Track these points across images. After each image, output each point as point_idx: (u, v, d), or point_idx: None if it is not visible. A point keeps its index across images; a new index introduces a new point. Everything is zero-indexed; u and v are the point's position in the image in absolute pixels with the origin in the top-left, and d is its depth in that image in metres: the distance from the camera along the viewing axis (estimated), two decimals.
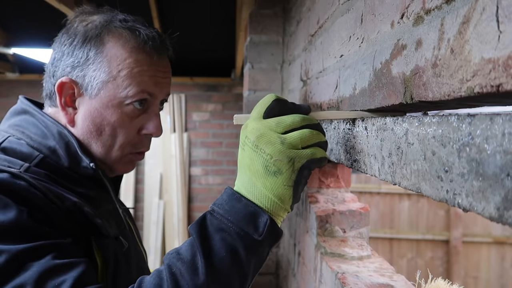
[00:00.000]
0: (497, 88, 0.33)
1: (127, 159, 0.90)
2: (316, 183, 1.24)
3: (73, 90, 0.84)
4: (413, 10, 0.50)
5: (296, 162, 0.64)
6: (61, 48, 0.85)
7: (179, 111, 4.63)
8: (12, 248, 0.64)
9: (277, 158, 0.64)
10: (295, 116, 0.66)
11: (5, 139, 0.80)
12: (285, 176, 0.64)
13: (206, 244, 0.64)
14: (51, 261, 0.65)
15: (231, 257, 0.63)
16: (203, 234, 0.64)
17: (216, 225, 0.65)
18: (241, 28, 2.57)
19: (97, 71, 0.82)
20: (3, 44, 3.70)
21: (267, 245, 0.66)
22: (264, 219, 0.64)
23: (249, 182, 0.66)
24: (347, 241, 1.03)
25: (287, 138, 0.64)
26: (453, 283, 0.77)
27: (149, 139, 0.91)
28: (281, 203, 0.65)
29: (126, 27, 0.84)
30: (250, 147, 0.66)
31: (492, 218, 0.32)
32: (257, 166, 0.65)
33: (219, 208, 0.66)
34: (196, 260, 0.63)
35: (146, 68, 0.84)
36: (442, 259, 5.22)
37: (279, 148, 0.64)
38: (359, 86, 0.70)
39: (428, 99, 0.46)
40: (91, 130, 0.84)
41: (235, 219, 0.64)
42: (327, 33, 0.96)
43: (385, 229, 5.28)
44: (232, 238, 0.64)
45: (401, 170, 0.50)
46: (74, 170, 0.82)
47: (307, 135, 0.65)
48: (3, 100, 4.41)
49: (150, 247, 4.47)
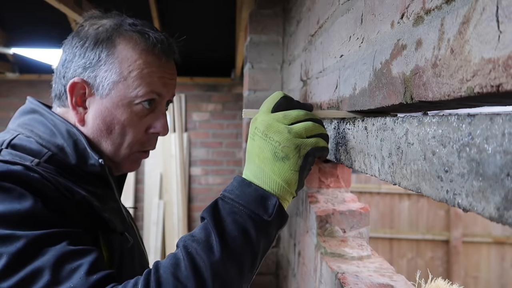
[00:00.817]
0: (497, 88, 0.33)
1: (134, 158, 0.93)
2: (316, 183, 1.24)
3: (84, 90, 0.86)
4: (413, 10, 0.50)
5: (302, 149, 0.70)
6: (72, 50, 0.87)
7: (179, 111, 4.63)
8: (30, 234, 0.67)
9: (285, 145, 0.70)
10: (299, 111, 0.73)
11: (15, 136, 0.82)
12: (292, 161, 0.70)
13: (219, 225, 0.68)
14: (66, 247, 0.68)
15: (243, 236, 0.67)
16: (216, 217, 0.68)
17: (228, 209, 0.69)
18: (241, 28, 2.57)
19: (108, 72, 0.85)
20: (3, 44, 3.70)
21: (275, 227, 0.71)
22: (273, 201, 0.69)
23: (258, 169, 0.71)
24: (347, 241, 1.03)
25: (294, 128, 0.71)
26: (453, 283, 0.77)
27: (155, 138, 0.95)
28: (288, 187, 0.71)
29: (136, 31, 0.88)
30: (260, 136, 0.72)
31: (492, 218, 0.32)
32: (266, 153, 0.71)
33: (230, 193, 0.71)
34: (210, 239, 0.67)
35: (155, 70, 0.87)
36: (442, 259, 5.22)
37: (286, 136, 0.70)
38: (359, 86, 0.70)
39: (428, 99, 0.46)
40: (101, 129, 0.87)
41: (246, 202, 0.69)
42: (327, 33, 0.96)
43: (385, 229, 5.28)
44: (244, 220, 0.68)
45: (401, 170, 0.50)
46: (81, 168, 0.85)
47: (311, 126, 0.72)
48: (3, 100, 4.41)
49: (150, 247, 4.47)
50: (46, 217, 0.70)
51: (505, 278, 5.08)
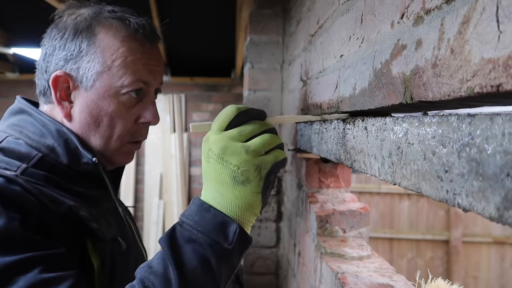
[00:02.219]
0: (497, 88, 0.33)
1: (126, 149, 0.90)
2: (316, 183, 1.24)
3: (68, 84, 0.83)
4: (413, 10, 0.50)
5: (262, 169, 0.67)
6: (52, 43, 0.84)
7: (179, 111, 4.63)
8: (0, 261, 0.63)
9: (244, 168, 0.66)
10: (254, 124, 0.70)
11: (3, 139, 0.80)
12: (253, 184, 0.67)
13: (178, 255, 0.65)
14: (38, 275, 0.64)
15: (203, 266, 0.64)
16: (174, 246, 0.66)
17: (186, 236, 0.66)
18: (241, 28, 2.57)
19: (91, 62, 0.82)
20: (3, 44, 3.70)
21: (237, 253, 0.68)
22: (234, 228, 0.66)
23: (217, 193, 0.68)
24: (347, 241, 1.03)
25: (251, 146, 0.67)
26: (453, 283, 0.77)
27: (146, 127, 0.91)
28: (251, 210, 0.68)
29: (115, 17, 0.84)
30: (215, 160, 0.68)
31: (492, 218, 0.32)
32: (224, 177, 0.67)
33: (188, 219, 0.68)
34: (168, 272, 0.64)
35: (139, 57, 0.84)
36: (442, 259, 5.22)
37: (244, 157, 0.66)
38: (359, 86, 0.70)
39: (428, 99, 0.46)
40: (88, 123, 0.84)
41: (205, 229, 0.66)
42: (327, 33, 0.96)
43: (385, 229, 5.28)
44: (203, 248, 0.65)
45: (401, 170, 0.50)
46: (73, 168, 0.82)
47: (268, 140, 0.69)
48: (3, 100, 4.41)
49: (150, 247, 4.47)
50: (21, 238, 0.66)
51: (505, 278, 5.08)
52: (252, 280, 1.68)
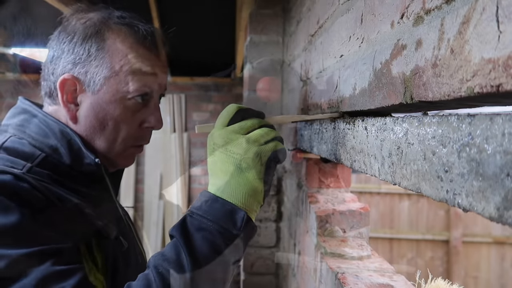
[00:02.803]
0: (497, 88, 0.33)
1: (128, 153, 0.91)
2: (316, 183, 1.24)
3: (75, 87, 0.84)
4: (413, 10, 0.50)
5: (262, 156, 0.73)
6: (60, 46, 0.85)
7: (179, 111, 4.63)
8: (13, 253, 0.64)
9: (246, 155, 0.72)
10: (254, 120, 0.76)
11: (7, 139, 0.80)
12: (255, 170, 0.72)
13: (189, 242, 0.69)
14: (50, 267, 0.66)
15: (214, 252, 0.68)
16: (186, 234, 0.69)
17: (197, 225, 0.70)
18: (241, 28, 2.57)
19: (99, 67, 0.83)
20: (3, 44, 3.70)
21: (245, 239, 0.72)
22: (241, 215, 0.71)
23: (223, 183, 0.73)
24: (347, 241, 1.03)
25: (251, 136, 0.74)
26: (453, 283, 0.77)
27: (150, 132, 0.93)
28: (254, 196, 0.73)
29: (124, 23, 0.86)
30: (220, 151, 0.74)
31: (492, 218, 0.32)
32: (229, 166, 0.73)
33: (198, 210, 0.72)
34: (181, 258, 0.67)
35: (146, 63, 0.86)
36: (442, 259, 5.22)
37: (245, 146, 0.73)
38: (359, 86, 0.70)
39: (428, 99, 0.46)
40: (94, 126, 0.85)
41: (215, 217, 0.70)
42: (327, 33, 0.96)
43: (385, 229, 5.28)
44: (213, 235, 0.69)
45: (401, 170, 0.50)
46: (76, 168, 0.83)
47: (267, 131, 0.75)
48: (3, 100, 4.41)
49: (150, 247, 4.47)
50: (33, 232, 0.68)
51: (505, 278, 5.08)
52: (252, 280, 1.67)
